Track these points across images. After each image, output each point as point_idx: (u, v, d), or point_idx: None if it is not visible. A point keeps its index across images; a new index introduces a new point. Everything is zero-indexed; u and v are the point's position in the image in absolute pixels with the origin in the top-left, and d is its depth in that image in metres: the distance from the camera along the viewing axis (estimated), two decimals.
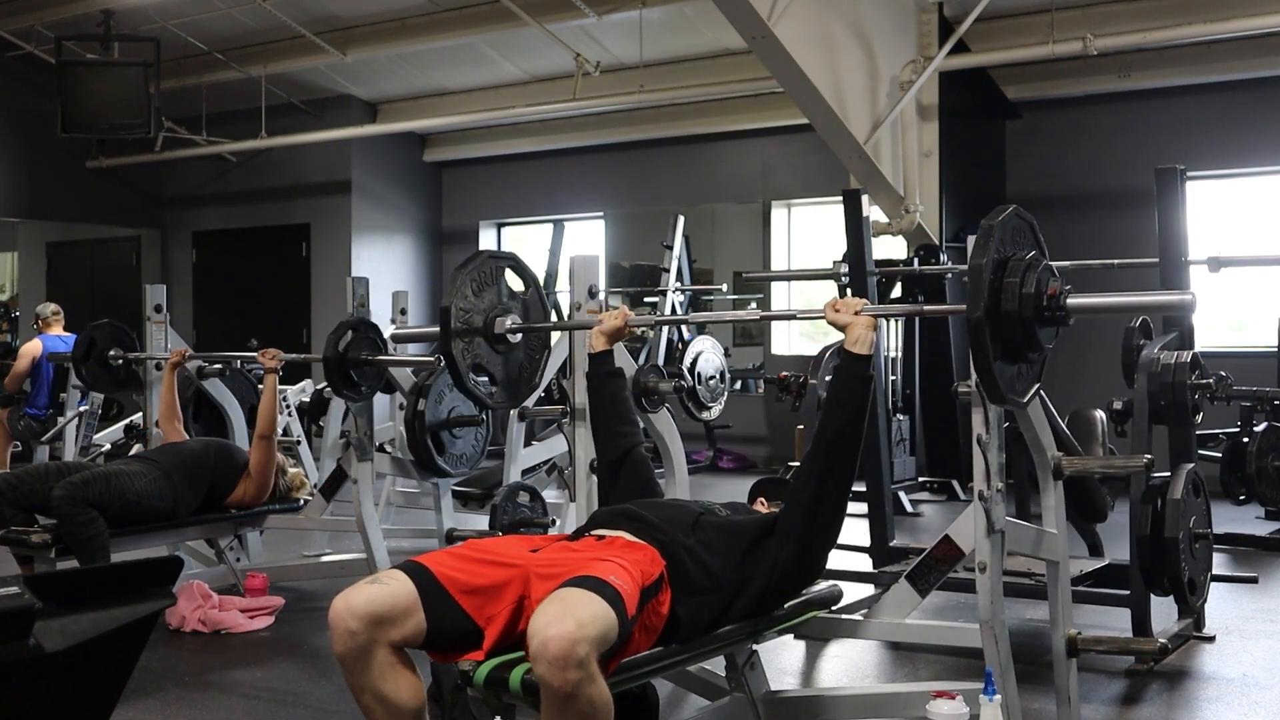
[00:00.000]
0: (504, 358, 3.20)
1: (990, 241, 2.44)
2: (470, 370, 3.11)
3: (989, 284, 2.43)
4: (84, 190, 11.93)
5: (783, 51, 6.78)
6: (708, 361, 7.76)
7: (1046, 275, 2.50)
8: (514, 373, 3.24)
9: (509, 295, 3.21)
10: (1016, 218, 2.55)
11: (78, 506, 4.17)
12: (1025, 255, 2.50)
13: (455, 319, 3.05)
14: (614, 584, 2.28)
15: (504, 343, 3.16)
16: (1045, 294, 2.48)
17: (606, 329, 3.08)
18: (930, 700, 2.70)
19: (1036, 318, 2.48)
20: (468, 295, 3.09)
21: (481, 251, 3.22)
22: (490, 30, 9.36)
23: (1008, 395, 2.50)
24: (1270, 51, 7.84)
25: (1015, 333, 2.46)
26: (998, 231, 2.46)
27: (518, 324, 3.18)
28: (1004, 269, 2.47)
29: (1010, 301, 2.45)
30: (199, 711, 3.63)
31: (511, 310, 3.19)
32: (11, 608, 1.47)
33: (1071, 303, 2.50)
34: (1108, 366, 5.47)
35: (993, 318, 2.43)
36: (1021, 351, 2.51)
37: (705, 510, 2.77)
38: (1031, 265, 2.48)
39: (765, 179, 10.21)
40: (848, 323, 2.75)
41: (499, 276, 3.19)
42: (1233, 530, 6.01)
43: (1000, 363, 2.46)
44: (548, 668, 2.13)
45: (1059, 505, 3.14)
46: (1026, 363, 2.57)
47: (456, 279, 3.08)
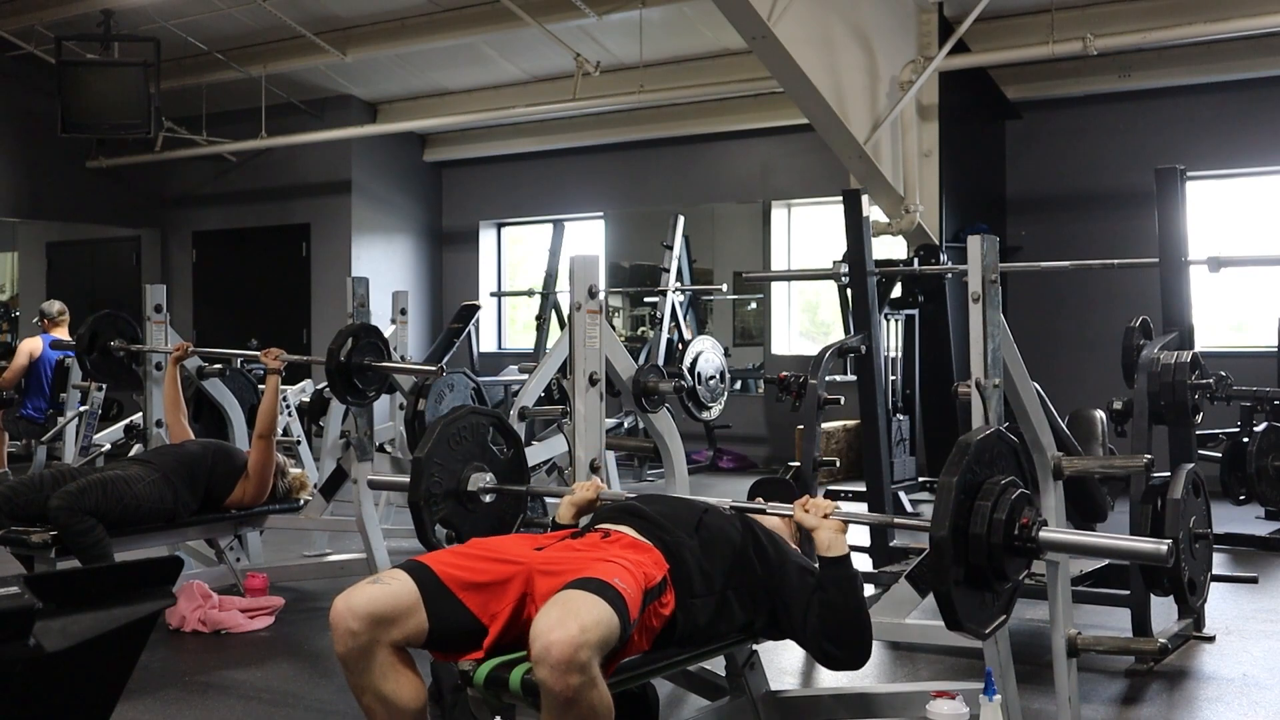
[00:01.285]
0: (473, 516, 3.12)
1: (964, 459, 2.33)
2: (436, 524, 3.05)
3: (957, 503, 2.29)
4: (84, 190, 11.92)
5: (783, 51, 6.78)
6: (708, 361, 7.75)
7: (1022, 503, 2.37)
8: (484, 530, 3.13)
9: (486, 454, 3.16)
10: (999, 439, 2.45)
11: (75, 516, 4.15)
12: (1003, 479, 2.37)
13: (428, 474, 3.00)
14: (617, 586, 2.28)
15: (475, 501, 3.10)
16: (1018, 522, 2.34)
17: (578, 500, 2.97)
18: (930, 700, 2.70)
19: (1005, 545, 2.33)
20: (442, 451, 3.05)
21: (462, 408, 3.21)
22: (490, 30, 9.36)
23: (966, 624, 2.34)
24: (1270, 51, 7.84)
25: (981, 558, 2.32)
26: (974, 450, 2.35)
27: (490, 484, 3.12)
28: (977, 490, 2.34)
29: (979, 525, 2.31)
30: (199, 711, 3.63)
31: (487, 470, 3.13)
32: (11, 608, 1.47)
33: (1044, 537, 2.36)
34: (1108, 366, 5.47)
35: (958, 539, 2.30)
36: (987, 579, 2.35)
37: (709, 509, 2.77)
38: (1006, 490, 2.36)
39: (765, 179, 10.21)
40: (815, 526, 2.64)
41: (480, 433, 3.16)
42: (1233, 530, 6.01)
43: (961, 589, 2.31)
44: (549, 672, 2.12)
45: (1059, 505, 3.14)
46: (992, 592, 2.40)
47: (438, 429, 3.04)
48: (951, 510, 2.27)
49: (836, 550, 2.61)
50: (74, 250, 13.28)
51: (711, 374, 7.59)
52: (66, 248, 13.31)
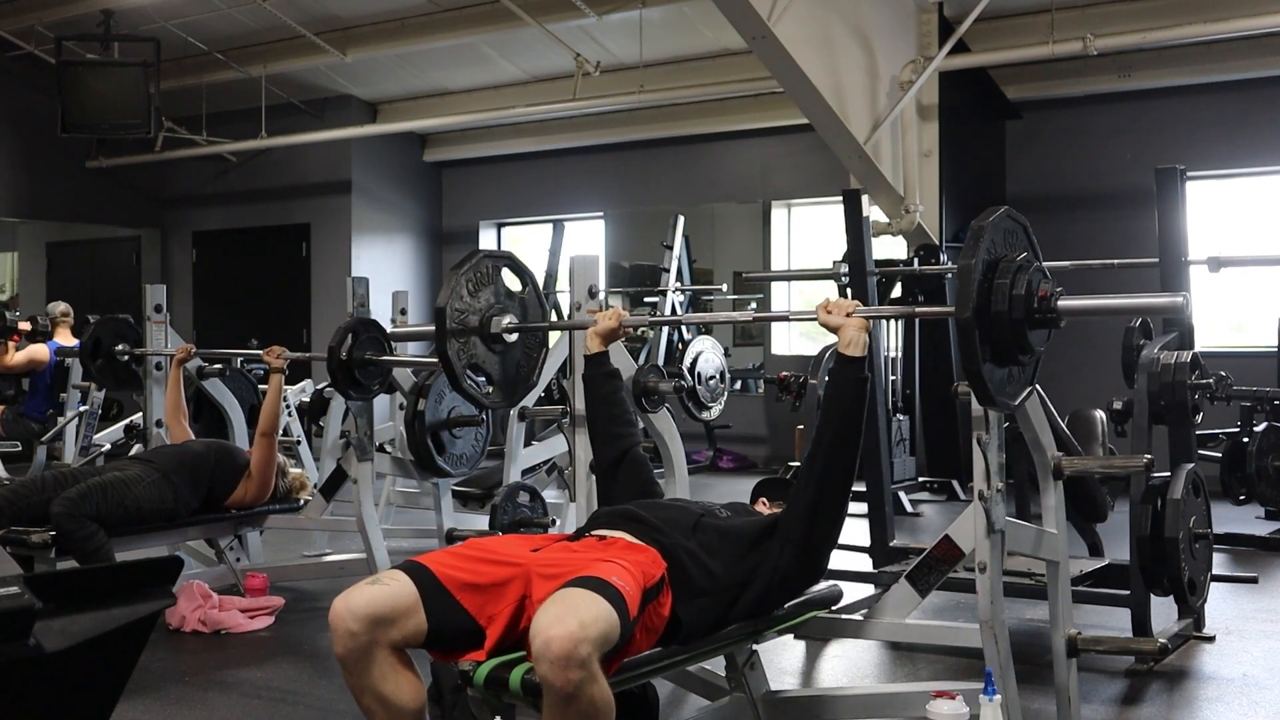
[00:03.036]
0: (501, 357, 3.19)
1: (980, 242, 2.42)
2: (466, 370, 3.10)
3: (978, 285, 2.40)
4: (84, 190, 11.93)
5: (783, 51, 6.78)
6: (708, 361, 7.77)
7: (1038, 277, 2.47)
8: (511, 372, 3.23)
9: (506, 294, 3.20)
10: (1008, 219, 2.53)
11: (76, 521, 4.15)
12: (1017, 257, 2.47)
13: (451, 319, 3.04)
14: (616, 585, 2.28)
15: (500, 342, 3.15)
16: (1036, 295, 2.45)
17: (601, 330, 3.09)
18: (930, 700, 2.70)
19: (1027, 319, 2.44)
20: (463, 295, 3.09)
21: (477, 251, 3.22)
22: (490, 30, 9.36)
23: (998, 398, 2.47)
24: (1270, 51, 7.84)
25: (1005, 334, 2.43)
26: (988, 232, 2.44)
27: (514, 323, 3.16)
28: (994, 270, 2.44)
29: (1000, 303, 2.42)
30: (199, 711, 3.63)
31: (509, 309, 3.18)
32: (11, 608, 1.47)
33: (1063, 304, 2.47)
34: (1108, 366, 5.47)
35: (982, 319, 2.41)
36: (1012, 354, 2.48)
37: (706, 512, 2.78)
38: (1023, 267, 2.46)
39: (765, 179, 10.21)
40: (839, 324, 2.75)
41: (495, 275, 3.18)
42: (1233, 530, 6.00)
43: (990, 365, 2.43)
44: (550, 667, 2.13)
45: (1059, 505, 3.14)
46: (1018, 365, 2.53)
47: (452, 279, 3.07)
48: (974, 292, 2.38)
49: (855, 349, 2.72)
50: (74, 250, 13.29)
51: (711, 374, 7.59)
52: (66, 248, 13.31)
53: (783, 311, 2.87)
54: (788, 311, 2.72)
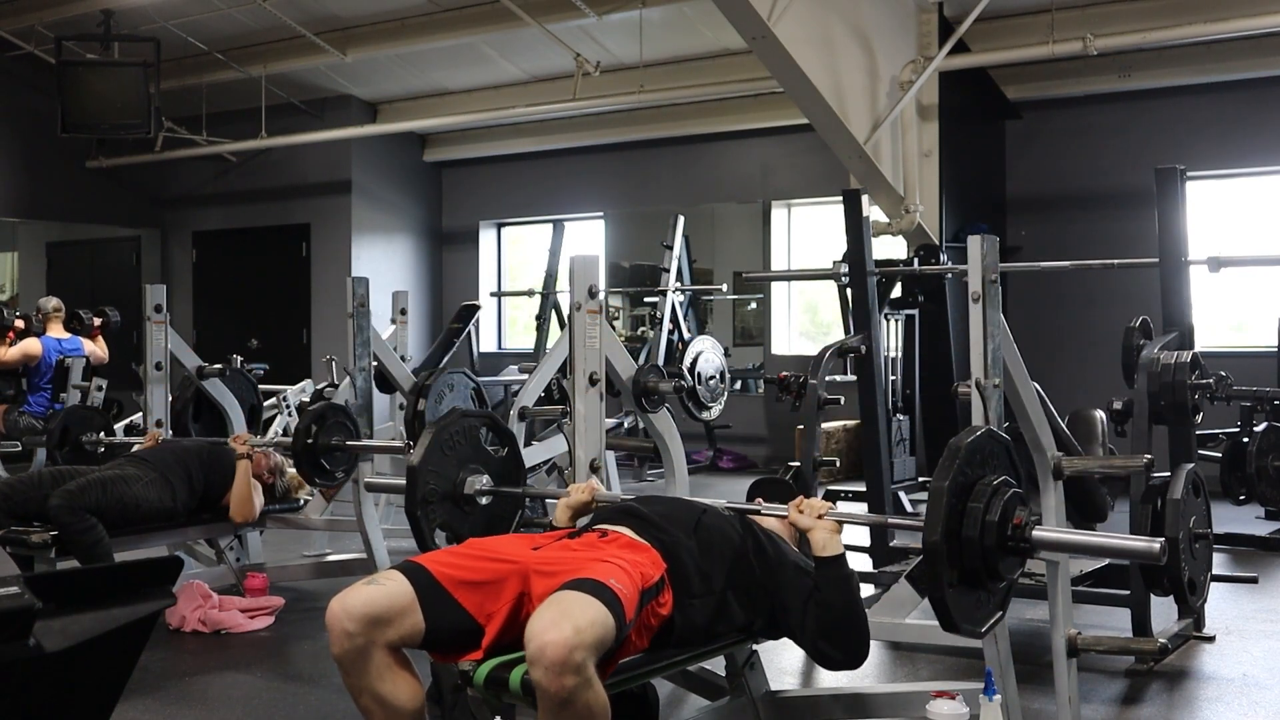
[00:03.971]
0: (470, 519, 3.13)
1: (955, 462, 2.33)
2: (435, 529, 3.05)
3: (949, 507, 2.29)
4: (84, 190, 11.93)
5: (783, 51, 6.78)
6: (708, 361, 7.75)
7: (1014, 503, 2.37)
8: (481, 532, 3.14)
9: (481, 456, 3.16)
10: (990, 439, 2.45)
11: (75, 515, 4.16)
12: (994, 479, 2.38)
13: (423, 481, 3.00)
14: (613, 587, 2.27)
15: (472, 504, 3.11)
16: (1010, 523, 2.34)
17: (574, 503, 2.97)
18: (930, 700, 2.70)
19: (999, 546, 2.33)
20: (436, 457, 3.05)
21: (454, 410, 3.20)
22: (490, 30, 9.36)
23: (961, 625, 2.35)
24: (1270, 51, 7.84)
25: (975, 561, 2.33)
26: (964, 453, 2.35)
27: (488, 486, 3.12)
28: (968, 492, 2.35)
29: (971, 528, 2.31)
30: (199, 711, 3.63)
31: (483, 471, 3.13)
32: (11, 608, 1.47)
33: (1037, 535, 2.36)
34: (1108, 366, 5.47)
35: (951, 543, 2.30)
36: (981, 580, 2.36)
37: (707, 510, 2.77)
38: (998, 491, 2.36)
39: (765, 179, 10.21)
40: (809, 526, 2.66)
41: (474, 435, 3.16)
42: (1233, 530, 6.01)
43: (955, 590, 2.32)
44: (544, 673, 2.12)
45: (1059, 505, 3.14)
46: (987, 591, 2.41)
47: (427, 438, 3.04)
48: (944, 515, 2.28)
49: (832, 550, 2.62)
50: (74, 250, 13.28)
51: (711, 374, 7.58)
52: (66, 248, 13.31)
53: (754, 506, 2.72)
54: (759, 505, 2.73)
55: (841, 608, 2.60)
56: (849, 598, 2.61)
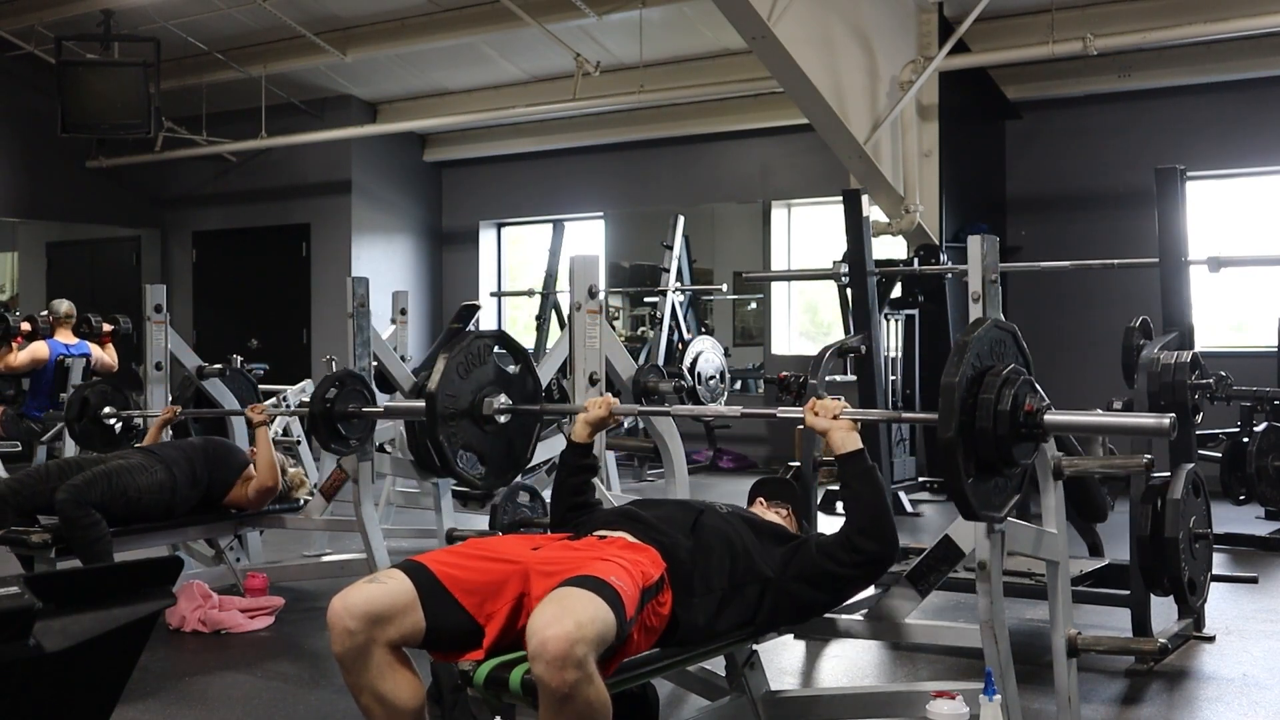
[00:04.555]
0: (492, 438, 3.13)
1: (964, 357, 2.36)
2: (458, 450, 3.05)
3: (961, 401, 2.33)
4: (84, 190, 11.93)
5: (783, 51, 6.78)
6: (708, 361, 7.76)
7: (1025, 390, 2.40)
8: (503, 452, 3.16)
9: (498, 374, 3.15)
10: (996, 329, 2.47)
11: (81, 509, 4.17)
12: (1003, 369, 2.41)
13: (441, 403, 2.99)
14: (614, 584, 2.28)
15: (492, 423, 3.10)
16: (1022, 410, 2.37)
17: (591, 418, 3.00)
18: (930, 700, 2.70)
19: (1012, 435, 2.37)
20: (454, 379, 3.04)
21: (468, 333, 3.18)
22: (490, 30, 9.36)
23: (981, 512, 2.40)
24: (1270, 51, 7.84)
25: (989, 451, 2.36)
26: (973, 346, 2.38)
27: (506, 404, 3.11)
28: (979, 384, 2.37)
29: (985, 419, 2.34)
30: (199, 711, 3.63)
31: (500, 390, 3.12)
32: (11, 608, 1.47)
33: (1049, 420, 2.40)
34: (1108, 366, 5.47)
35: (966, 436, 2.34)
36: (997, 468, 2.41)
37: (705, 510, 2.77)
38: (1009, 380, 2.39)
39: (765, 179, 10.21)
40: (826, 428, 2.72)
41: (488, 355, 3.14)
42: (1233, 530, 6.00)
43: (974, 480, 2.36)
44: (545, 668, 2.13)
45: (1059, 505, 3.14)
46: (1002, 477, 2.46)
47: (443, 362, 3.03)
48: (956, 410, 2.33)
49: (851, 446, 2.71)
50: (74, 250, 13.28)
51: (711, 374, 7.58)
52: (66, 248, 13.31)
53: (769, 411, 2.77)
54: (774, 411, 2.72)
55: (869, 499, 2.69)
56: (875, 487, 2.70)
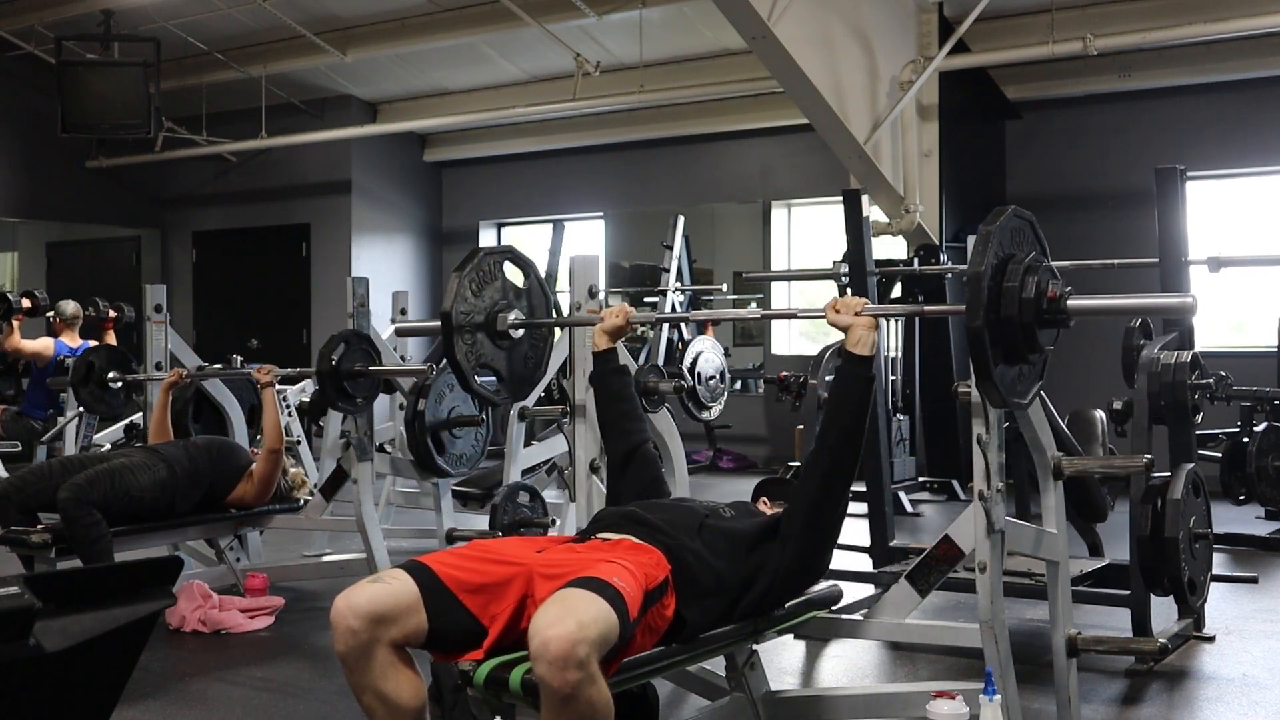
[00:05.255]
0: (508, 353, 3.16)
1: (989, 247, 2.41)
2: (475, 369, 3.09)
3: (988, 290, 2.39)
4: (84, 190, 11.93)
5: (783, 51, 6.78)
6: (708, 361, 7.75)
7: (1046, 277, 2.47)
8: (519, 367, 3.21)
9: (510, 290, 3.17)
10: (1015, 218, 2.52)
11: (83, 509, 4.17)
12: (1025, 257, 2.47)
13: (457, 319, 3.02)
14: (616, 585, 2.28)
15: (507, 338, 3.13)
16: (1045, 296, 2.45)
17: (609, 327, 3.08)
18: (930, 700, 2.70)
19: (1036, 321, 2.45)
20: (467, 296, 3.07)
21: (478, 249, 3.19)
22: (490, 30, 9.36)
23: (1009, 399, 2.48)
24: (1270, 51, 7.84)
25: (1015, 337, 2.44)
26: (995, 235, 2.43)
27: (520, 319, 3.14)
28: (1003, 273, 2.44)
29: (1010, 307, 2.41)
30: (199, 711, 3.63)
31: (514, 305, 3.15)
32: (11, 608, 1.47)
33: (1072, 304, 2.47)
34: (1108, 366, 5.47)
35: (992, 324, 2.40)
36: (1022, 354, 2.49)
37: (710, 512, 2.77)
38: (1031, 268, 2.45)
39: (765, 179, 10.21)
40: (848, 324, 2.75)
41: (498, 271, 3.16)
42: (1233, 530, 6.00)
43: (1001, 367, 2.44)
44: (548, 668, 2.13)
45: (1059, 505, 3.14)
46: (1027, 364, 2.54)
47: (455, 281, 3.05)
48: (984, 299, 2.38)
49: (864, 348, 2.72)
50: (74, 250, 13.28)
51: (711, 374, 7.58)
52: (66, 248, 13.31)
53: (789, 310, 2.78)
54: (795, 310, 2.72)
55: (853, 405, 2.71)
56: (863, 399, 2.72)
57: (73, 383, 5.58)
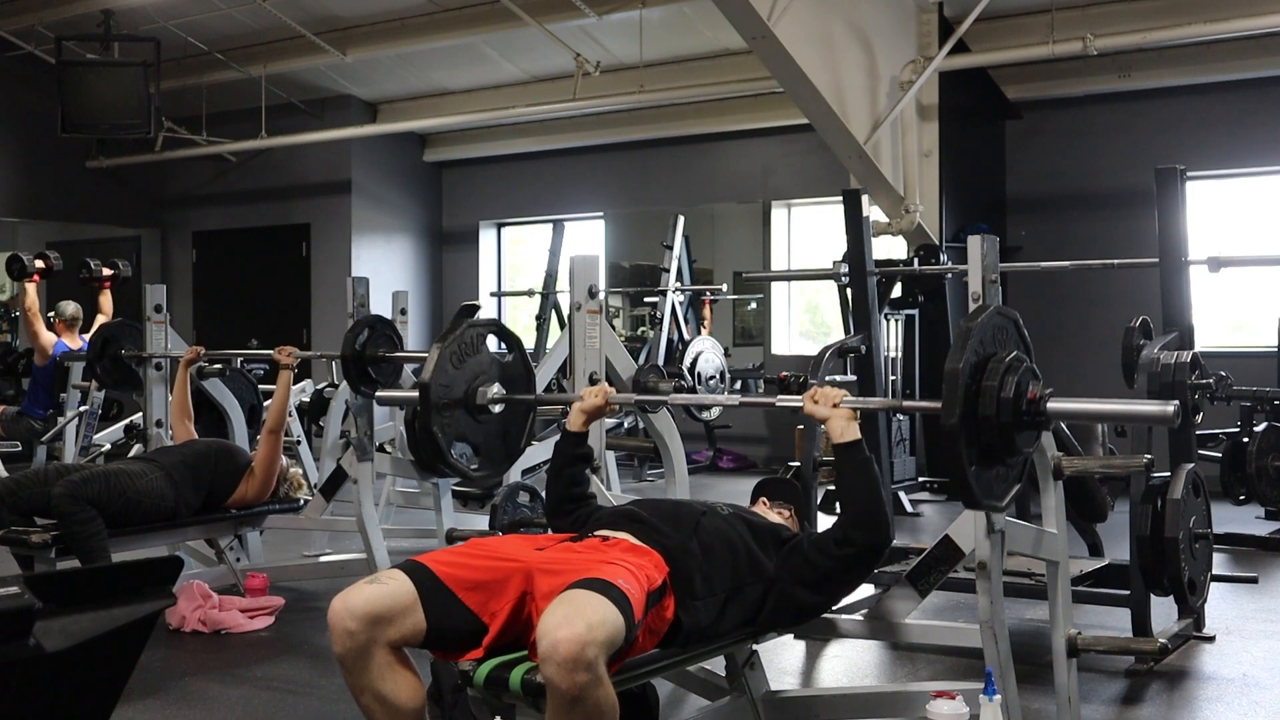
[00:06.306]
0: (486, 427, 3.12)
1: (968, 344, 2.35)
2: (452, 441, 3.05)
3: (966, 387, 2.33)
4: (84, 190, 11.93)
5: (783, 51, 6.78)
6: (708, 361, 7.77)
7: (1027, 378, 2.39)
8: (497, 442, 3.15)
9: (492, 363, 3.14)
10: (999, 315, 2.47)
11: (77, 504, 4.17)
12: (1006, 356, 2.40)
13: (435, 393, 2.99)
14: (621, 587, 2.28)
15: (486, 413, 3.09)
16: (1025, 398, 2.37)
17: (587, 406, 3.00)
18: (930, 700, 2.70)
19: (1015, 422, 2.37)
20: (448, 368, 3.03)
21: (462, 320, 3.19)
22: (490, 30, 9.36)
23: (984, 501, 2.40)
24: (1270, 51, 7.84)
25: (993, 438, 2.36)
26: (976, 332, 2.38)
27: (500, 394, 3.10)
28: (982, 371, 2.37)
29: (988, 406, 2.34)
30: (199, 711, 3.63)
31: (495, 379, 3.12)
32: (11, 608, 1.47)
33: (1052, 407, 2.39)
34: (1108, 366, 5.47)
35: (968, 424, 2.34)
36: (999, 455, 2.41)
37: (707, 511, 2.77)
38: (1011, 367, 2.38)
39: (765, 179, 10.21)
40: (826, 415, 2.70)
41: (481, 344, 3.14)
42: (1233, 530, 6.00)
43: (976, 468, 2.35)
44: (556, 670, 2.13)
45: (1059, 505, 3.14)
46: (1004, 466, 2.45)
47: (436, 352, 3.02)
48: (960, 397, 2.32)
49: (850, 436, 2.69)
50: (74, 250, 13.27)
51: (711, 374, 7.59)
52: (66, 248, 13.29)
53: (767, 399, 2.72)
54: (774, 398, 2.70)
55: (864, 490, 2.67)
56: (870, 480, 2.69)
57: (89, 359, 5.66)
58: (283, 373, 4.91)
